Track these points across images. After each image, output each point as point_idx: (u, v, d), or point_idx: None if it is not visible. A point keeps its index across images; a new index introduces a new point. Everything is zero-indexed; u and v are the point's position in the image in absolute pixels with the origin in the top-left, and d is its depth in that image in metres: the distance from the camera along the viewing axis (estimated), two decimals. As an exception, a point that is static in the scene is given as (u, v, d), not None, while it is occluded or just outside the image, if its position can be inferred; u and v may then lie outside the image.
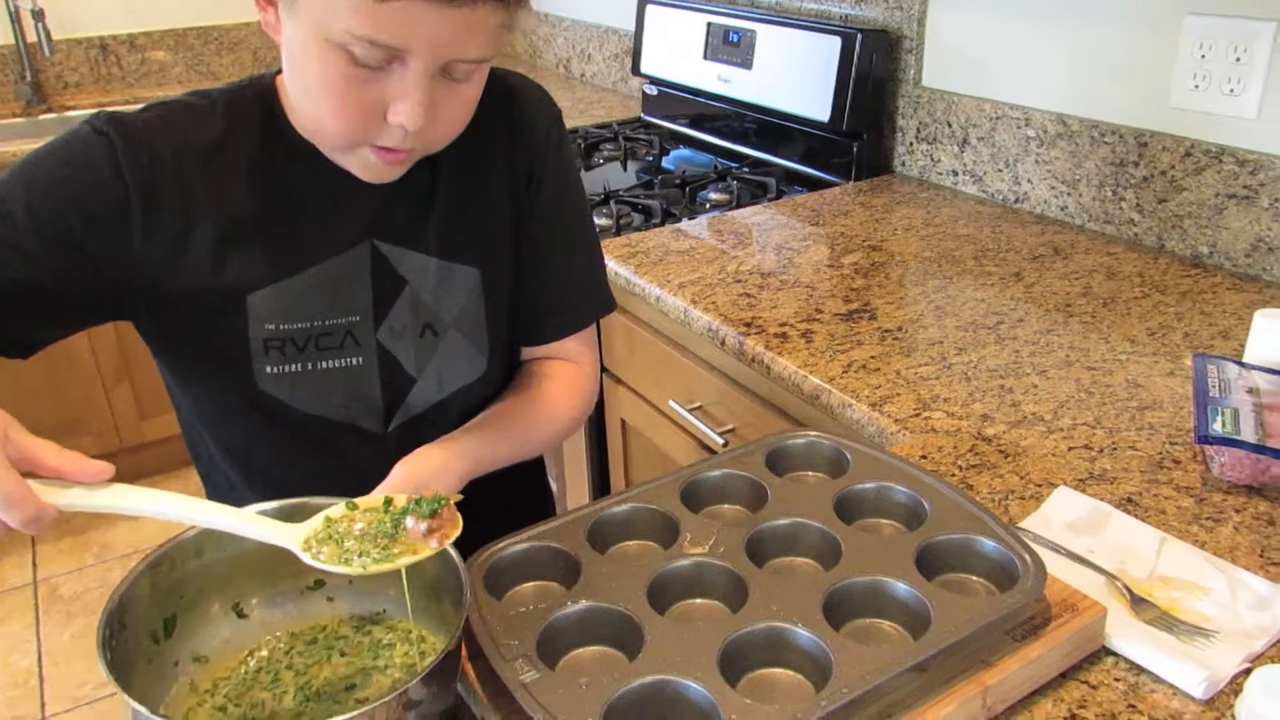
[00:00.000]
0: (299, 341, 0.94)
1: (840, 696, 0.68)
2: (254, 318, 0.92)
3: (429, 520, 0.73)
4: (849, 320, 1.39)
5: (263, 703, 0.77)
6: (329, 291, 0.94)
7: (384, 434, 1.00)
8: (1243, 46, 1.44)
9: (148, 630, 0.76)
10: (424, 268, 0.98)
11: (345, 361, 0.96)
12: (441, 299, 0.99)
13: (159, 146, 0.89)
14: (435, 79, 0.82)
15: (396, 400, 1.00)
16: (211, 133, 0.91)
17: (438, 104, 0.84)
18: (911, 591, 0.77)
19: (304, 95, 0.86)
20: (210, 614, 0.82)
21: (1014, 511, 0.98)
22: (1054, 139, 1.73)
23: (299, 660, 0.80)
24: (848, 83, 1.95)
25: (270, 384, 0.95)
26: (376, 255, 0.96)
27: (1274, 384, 1.06)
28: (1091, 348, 1.30)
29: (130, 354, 2.82)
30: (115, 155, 0.87)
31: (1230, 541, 0.93)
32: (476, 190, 1.00)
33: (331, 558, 0.71)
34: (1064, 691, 0.77)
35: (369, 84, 0.81)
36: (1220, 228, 1.52)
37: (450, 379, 1.01)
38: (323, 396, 0.97)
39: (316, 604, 0.85)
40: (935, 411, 1.16)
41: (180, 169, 0.89)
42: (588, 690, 0.69)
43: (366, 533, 0.73)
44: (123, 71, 3.28)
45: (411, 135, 0.84)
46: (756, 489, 0.92)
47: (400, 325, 0.98)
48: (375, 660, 0.80)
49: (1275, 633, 0.81)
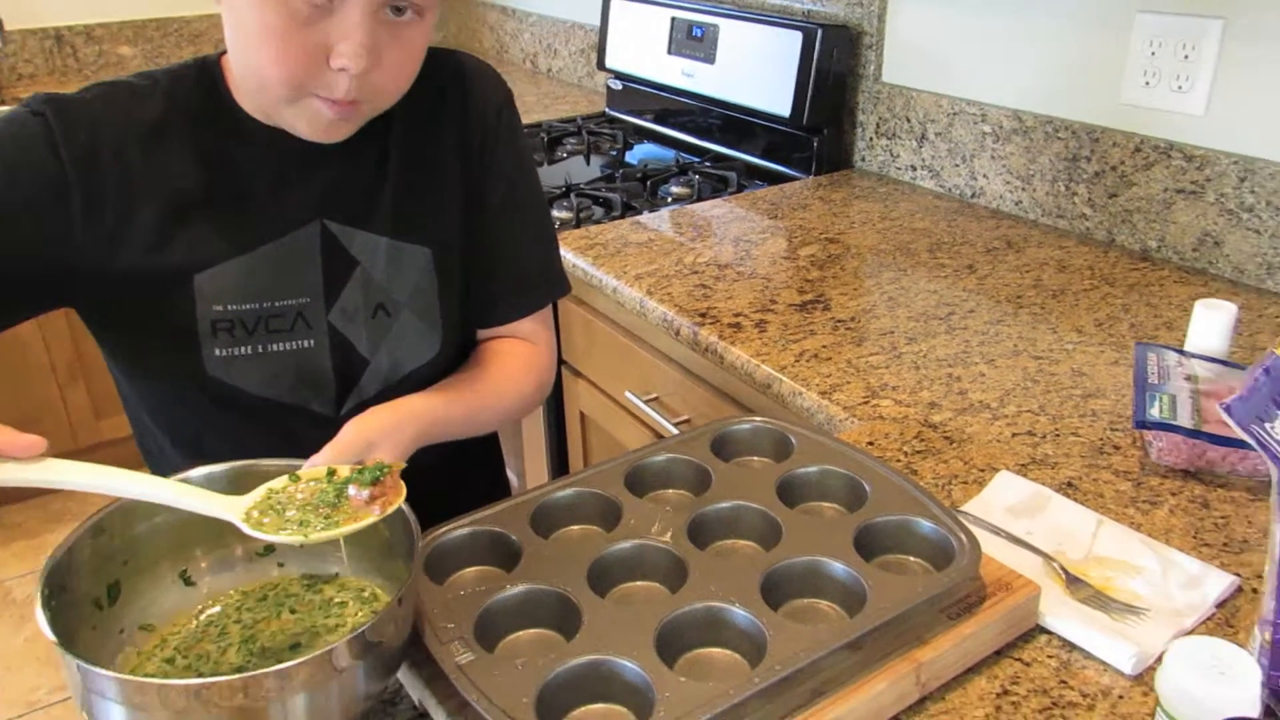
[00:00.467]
0: (248, 323, 0.93)
1: (773, 673, 0.68)
2: (201, 298, 0.92)
3: (371, 488, 0.73)
4: (803, 311, 1.40)
5: (208, 654, 0.76)
6: (278, 272, 0.94)
7: (336, 417, 0.99)
8: (1191, 44, 1.46)
9: (90, 597, 0.75)
10: (375, 247, 0.97)
11: (296, 344, 0.95)
12: (393, 279, 0.98)
13: (98, 126, 0.88)
14: (378, 20, 0.82)
15: (349, 383, 0.99)
16: (153, 112, 0.90)
17: (381, 49, 0.83)
18: (849, 571, 0.78)
19: (245, 49, 0.84)
20: (157, 581, 0.81)
21: (956, 495, 0.99)
22: (1009, 134, 1.75)
23: (247, 615, 0.80)
24: (808, 78, 1.96)
25: (219, 367, 0.94)
26: (326, 235, 0.95)
27: (1212, 371, 1.08)
28: (1039, 338, 1.31)
29: (86, 352, 2.78)
30: (52, 136, 0.86)
31: (1165, 524, 0.94)
32: (427, 169, 1.00)
33: (273, 528, 0.71)
34: (998, 669, 0.78)
35: (310, 26, 0.80)
36: (1168, 222, 1.54)
37: (404, 360, 1.01)
38: (274, 380, 0.96)
39: (266, 569, 0.85)
40: (884, 399, 1.17)
41: (121, 149, 0.89)
42: (524, 671, 0.70)
43: (309, 502, 0.73)
44: (79, 63, 3.24)
45: (357, 83, 0.83)
46: (701, 473, 0.92)
47: (352, 306, 0.97)
48: (325, 618, 0.79)
49: (1204, 611, 0.83)
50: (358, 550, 0.82)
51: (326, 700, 0.65)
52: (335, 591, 0.82)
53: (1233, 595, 0.85)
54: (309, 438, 0.90)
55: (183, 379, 0.95)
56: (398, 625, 0.70)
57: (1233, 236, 1.46)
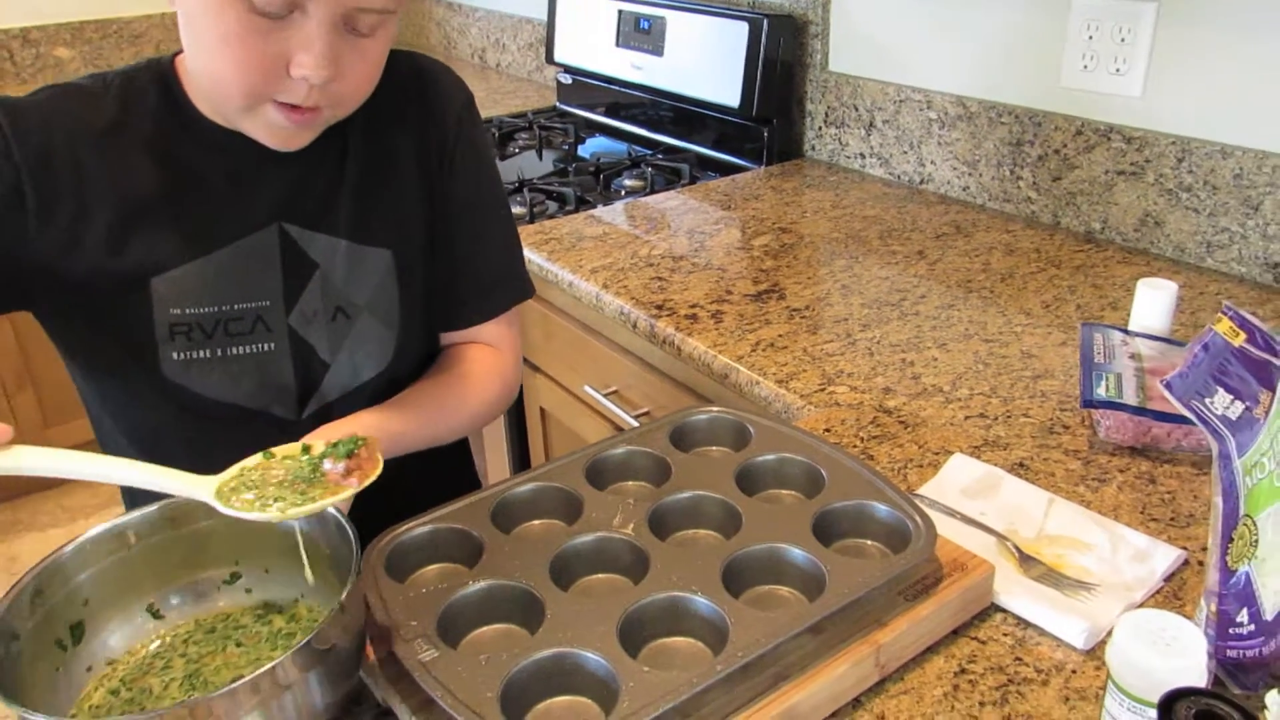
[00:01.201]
0: (206, 327, 0.92)
1: (735, 660, 0.69)
2: (158, 302, 0.91)
3: (347, 460, 0.72)
4: (758, 301, 1.41)
5: (150, 688, 0.76)
6: (236, 275, 0.93)
7: (298, 420, 0.99)
8: (1127, 27, 1.49)
9: (51, 639, 0.75)
10: (334, 250, 0.97)
11: (256, 348, 0.95)
12: (352, 282, 0.98)
13: (51, 129, 0.87)
14: (339, 32, 0.81)
15: (310, 386, 0.99)
16: (107, 114, 0.89)
17: (342, 59, 0.82)
18: (808, 557, 0.79)
19: (202, 54, 0.83)
20: (126, 615, 0.80)
21: (912, 479, 1.01)
22: (954, 121, 1.77)
23: (194, 649, 0.79)
24: (756, 69, 1.97)
25: (178, 371, 0.93)
26: (285, 238, 0.94)
27: (1155, 349, 1.10)
28: (989, 321, 1.33)
29: (34, 359, 2.73)
30: (4, 139, 0.84)
31: (1114, 500, 0.97)
32: (387, 171, 0.99)
33: (248, 505, 0.70)
34: (955, 648, 0.80)
35: (269, 35, 0.79)
36: (1110, 204, 1.57)
37: (364, 364, 1.00)
38: (234, 384, 0.95)
39: (235, 597, 0.84)
40: (839, 386, 1.18)
41: (74, 151, 0.87)
42: (487, 666, 0.70)
43: (284, 479, 0.72)
44: (16, 67, 3.18)
45: (317, 91, 0.82)
46: (660, 465, 0.93)
47: (311, 310, 0.96)
48: (272, 650, 0.79)
49: (1153, 584, 0.85)
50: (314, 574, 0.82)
51: (283, 716, 0.65)
52: (285, 622, 0.82)
53: (1180, 568, 0.87)
54: (271, 441, 0.89)
55: (141, 382, 0.94)
56: (345, 631, 0.70)
57: (1173, 216, 1.49)
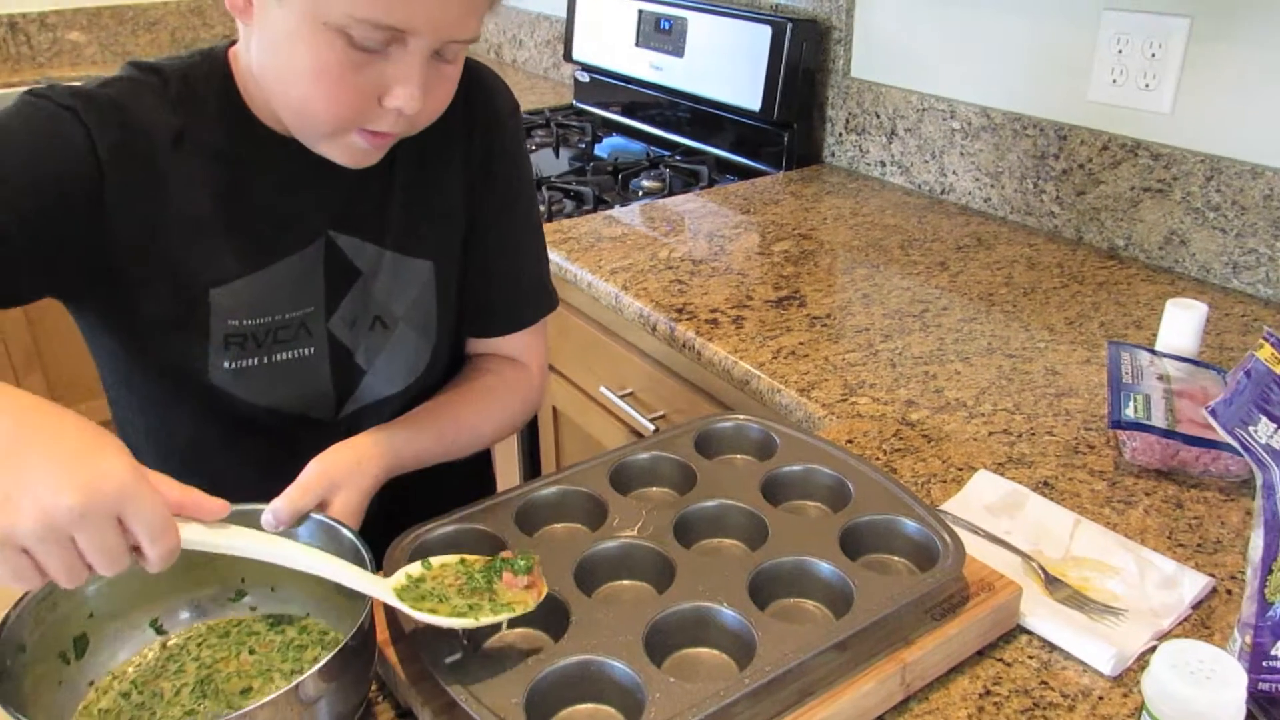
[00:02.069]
0: (259, 337, 0.92)
1: (762, 675, 0.68)
2: (216, 313, 0.89)
3: (527, 575, 0.74)
4: (779, 307, 1.40)
5: (161, 692, 0.75)
6: (289, 286, 0.92)
7: (334, 421, 0.98)
8: (1158, 42, 1.48)
9: (55, 652, 0.74)
10: (379, 260, 0.96)
11: (298, 352, 0.94)
12: (394, 292, 0.97)
13: (128, 128, 0.84)
14: (429, 61, 0.81)
15: (346, 391, 0.98)
16: (174, 117, 0.87)
17: (429, 85, 0.82)
18: (835, 571, 0.79)
19: (290, 81, 0.81)
20: (129, 630, 0.79)
21: (935, 494, 1.00)
22: (978, 131, 1.77)
23: (207, 653, 0.78)
24: (778, 72, 1.96)
25: (227, 379, 0.92)
26: (332, 246, 0.94)
27: (1184, 371, 1.10)
28: (1012, 336, 1.33)
29: (43, 341, 2.73)
30: (89, 135, 0.82)
31: (1140, 524, 0.96)
32: (433, 183, 0.99)
33: (445, 611, 0.71)
34: (980, 669, 0.79)
35: (365, 68, 0.79)
36: (1135, 220, 1.56)
37: (398, 373, 1.00)
38: (275, 388, 0.94)
39: (240, 615, 0.83)
40: (861, 397, 1.18)
41: (150, 153, 0.85)
42: (512, 671, 0.69)
43: (463, 587, 0.74)
44: (33, 51, 3.17)
45: (403, 119, 0.82)
46: (685, 472, 0.92)
47: (351, 316, 0.96)
48: (284, 662, 0.78)
49: (1181, 611, 0.84)
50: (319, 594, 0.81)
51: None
52: (297, 634, 0.81)
53: (1208, 596, 0.86)
54: (306, 444, 0.89)
55: (188, 390, 0.93)
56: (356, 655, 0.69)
57: (1199, 235, 1.48)
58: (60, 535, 0.57)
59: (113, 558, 0.60)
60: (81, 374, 2.90)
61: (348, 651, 0.67)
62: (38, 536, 0.57)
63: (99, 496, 0.58)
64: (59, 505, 0.56)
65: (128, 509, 0.59)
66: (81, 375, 2.89)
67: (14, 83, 2.95)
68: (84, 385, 2.92)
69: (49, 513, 0.56)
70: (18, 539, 0.57)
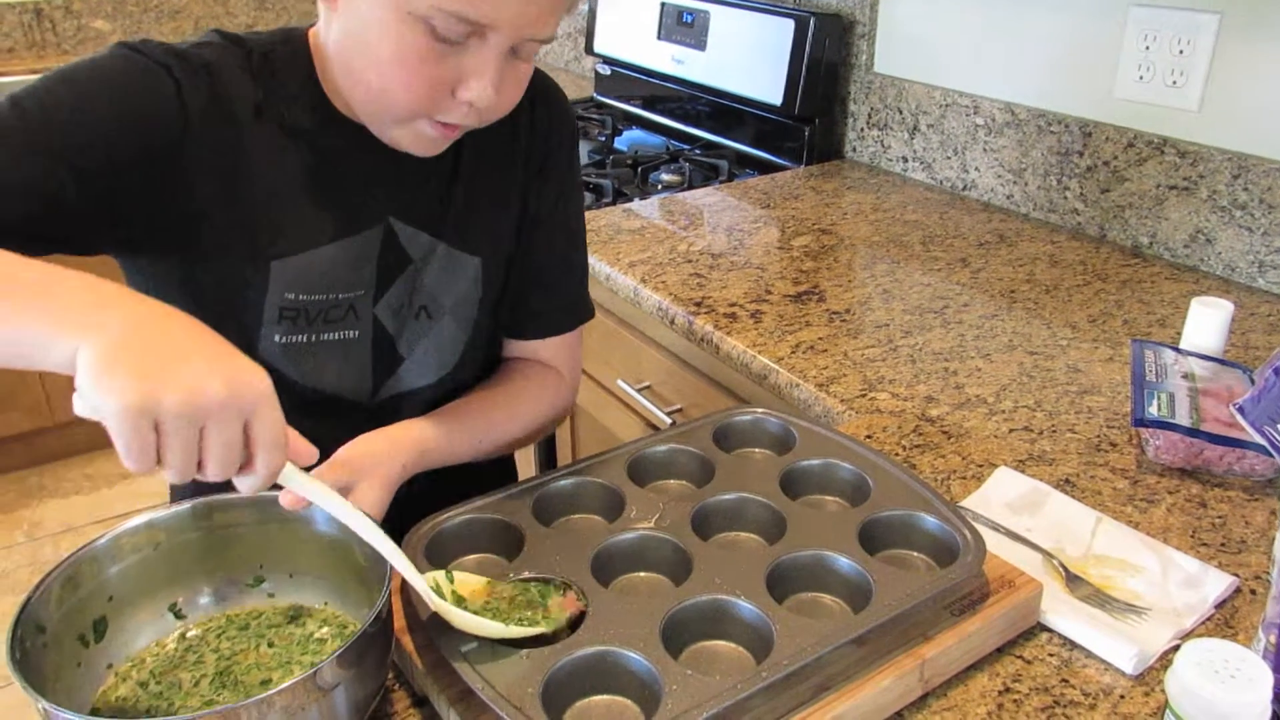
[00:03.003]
0: (311, 313, 0.93)
1: (780, 668, 0.68)
2: (274, 284, 0.90)
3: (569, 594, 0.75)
4: (798, 302, 1.40)
5: (180, 682, 0.75)
6: (346, 267, 0.93)
7: (367, 407, 0.99)
8: (1186, 39, 1.46)
9: (75, 634, 0.74)
10: (432, 251, 0.97)
11: (344, 334, 0.95)
12: (442, 284, 0.99)
13: (216, 90, 0.86)
14: (505, 57, 0.82)
15: (384, 377, 0.99)
16: (255, 90, 0.88)
17: (502, 82, 0.84)
18: (853, 566, 0.78)
19: (370, 67, 0.83)
20: (148, 614, 0.79)
21: (955, 491, 0.99)
22: (1002, 128, 1.75)
23: (226, 645, 0.79)
24: (800, 67, 1.95)
25: (275, 353, 0.93)
26: (389, 232, 0.95)
27: (1209, 369, 1.08)
28: (1034, 333, 1.31)
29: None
30: (179, 92, 0.84)
31: (1163, 522, 0.95)
32: (493, 182, 1.00)
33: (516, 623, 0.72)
34: (999, 666, 0.78)
35: (444, 59, 0.80)
36: (1160, 218, 1.55)
37: (434, 364, 1.01)
38: (320, 368, 0.95)
39: (258, 601, 0.83)
40: (881, 392, 1.17)
41: (233, 118, 0.87)
42: (529, 661, 0.69)
43: (517, 600, 0.75)
44: (58, 38, 3.19)
45: (474, 112, 0.84)
46: (703, 464, 0.92)
47: (397, 303, 0.97)
48: (303, 654, 0.78)
49: (1204, 611, 0.83)
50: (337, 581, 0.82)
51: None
52: (317, 626, 0.81)
53: (1231, 596, 0.85)
54: (337, 428, 0.89)
55: None
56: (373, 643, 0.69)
57: (1225, 234, 1.47)
58: (196, 419, 0.59)
59: (229, 457, 0.61)
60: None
61: (365, 638, 0.67)
62: (176, 413, 0.58)
63: (243, 393, 0.60)
64: (206, 390, 0.59)
65: (261, 415, 0.62)
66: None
67: (39, 69, 2.97)
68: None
69: (195, 394, 0.58)
70: (158, 411, 0.58)
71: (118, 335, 0.60)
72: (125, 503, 2.80)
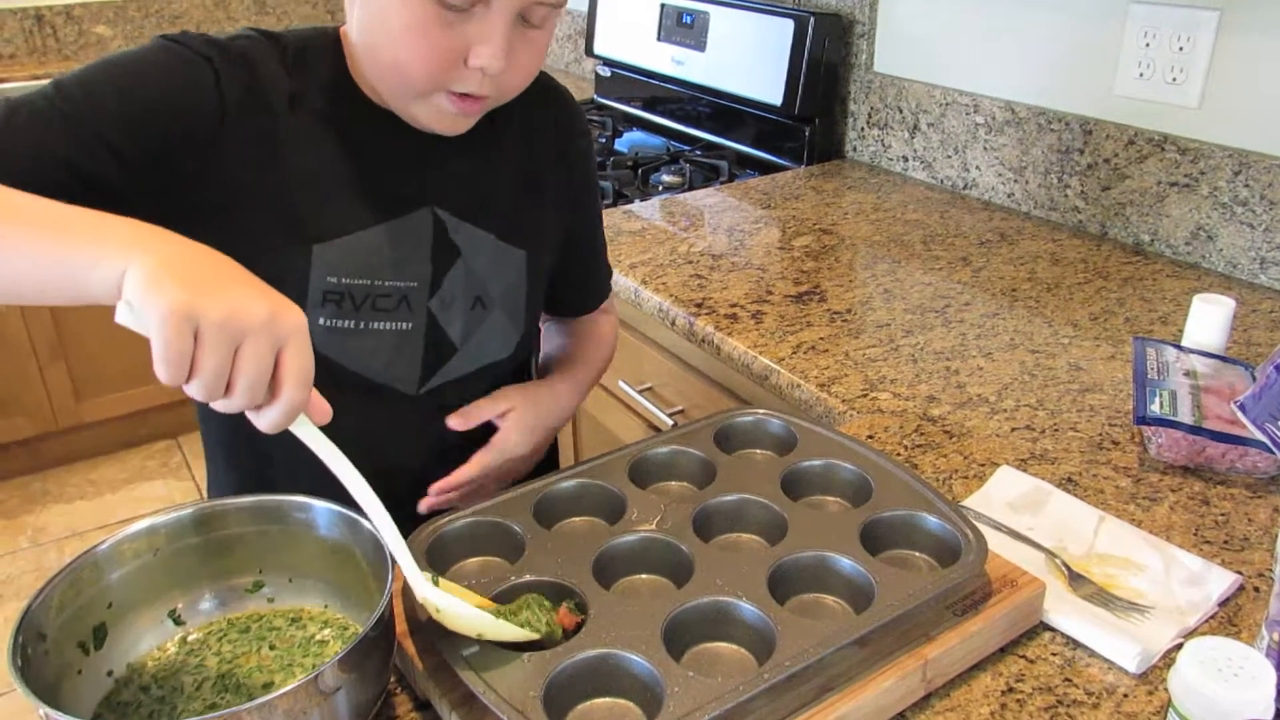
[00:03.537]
0: (357, 298, 0.95)
1: (782, 670, 0.68)
2: (317, 266, 0.92)
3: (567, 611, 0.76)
4: (799, 302, 1.40)
5: (182, 686, 0.75)
6: (391, 253, 0.95)
7: (415, 395, 1.01)
8: (1186, 36, 1.46)
9: (75, 641, 0.74)
10: (481, 242, 1.00)
11: (396, 325, 0.97)
12: (492, 276, 1.02)
13: (252, 80, 0.89)
14: (514, 24, 0.85)
15: (433, 367, 1.02)
16: (290, 81, 0.91)
17: (515, 50, 0.86)
18: (855, 567, 0.78)
19: (384, 43, 0.86)
20: (148, 621, 0.79)
21: (957, 490, 0.99)
22: (1002, 126, 1.75)
23: (227, 648, 0.79)
24: (800, 67, 1.95)
25: (321, 337, 0.94)
26: (438, 224, 0.97)
27: (1211, 367, 1.08)
28: (1035, 331, 1.31)
29: (66, 332, 2.75)
30: (218, 81, 0.87)
31: (1166, 520, 0.94)
32: (532, 177, 1.05)
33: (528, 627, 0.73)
34: (1002, 665, 0.78)
35: (452, 27, 0.83)
36: (1161, 215, 1.54)
37: (485, 353, 1.04)
38: (369, 356, 0.97)
39: (258, 606, 0.83)
40: (882, 392, 1.17)
41: (269, 107, 0.90)
42: (530, 664, 0.69)
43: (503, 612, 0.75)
44: (59, 44, 3.19)
45: (489, 81, 0.86)
46: (704, 466, 0.92)
47: (451, 296, 1.00)
48: (305, 656, 0.78)
49: (1207, 609, 0.83)
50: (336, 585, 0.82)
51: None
52: (318, 629, 0.81)
53: (1235, 594, 0.85)
54: (387, 415, 0.98)
55: None
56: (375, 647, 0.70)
57: (1226, 230, 1.46)
58: (234, 334, 0.61)
59: (259, 379, 0.63)
60: (106, 367, 2.93)
61: (367, 642, 0.67)
62: (217, 325, 0.60)
63: (282, 321, 0.63)
64: (249, 308, 0.62)
65: (294, 346, 0.64)
66: (106, 369, 2.92)
67: (40, 75, 2.97)
68: (108, 379, 2.96)
69: (237, 310, 0.61)
70: (200, 319, 0.60)
71: (167, 257, 0.64)
72: (129, 508, 2.81)
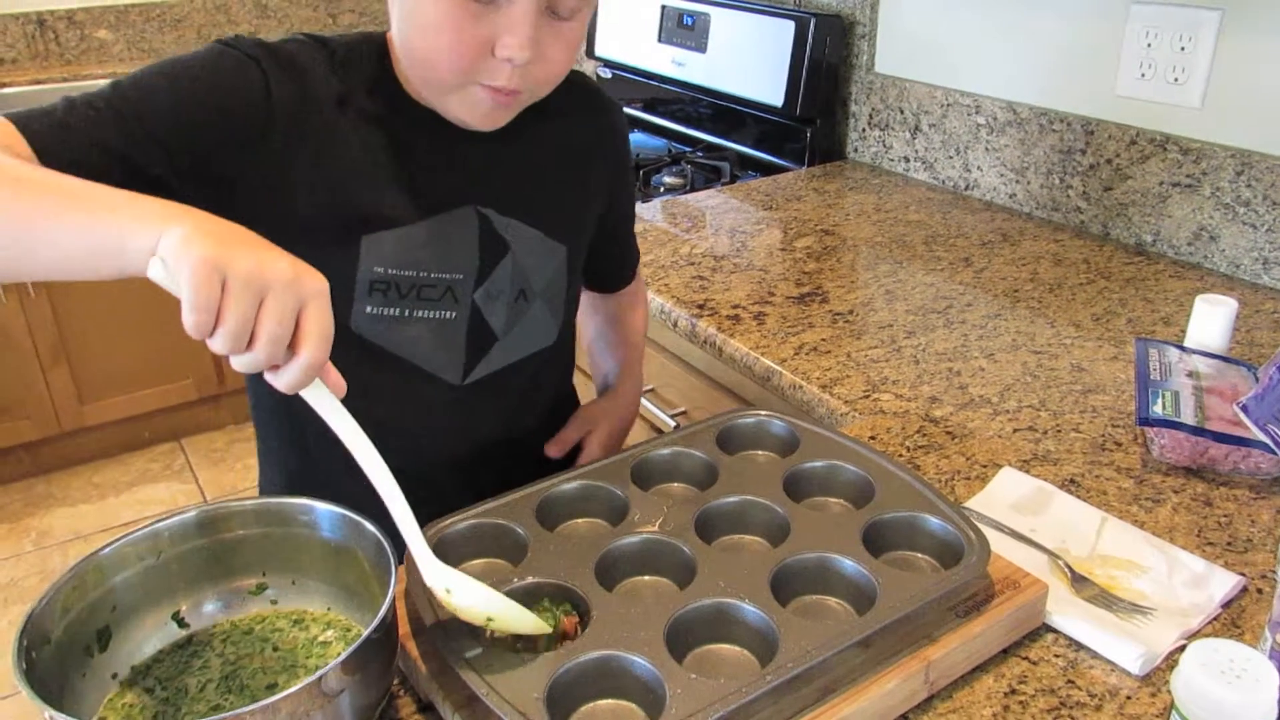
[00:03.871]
0: (403, 288, 0.97)
1: (784, 671, 0.68)
2: (365, 257, 0.95)
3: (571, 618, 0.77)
4: (801, 303, 1.40)
5: (186, 687, 0.75)
6: (438, 246, 0.97)
7: (459, 385, 1.03)
8: (1188, 35, 1.46)
9: (80, 644, 0.74)
10: (527, 237, 1.03)
11: (440, 314, 1.00)
12: (535, 270, 1.04)
13: (302, 83, 0.91)
14: (542, 15, 0.86)
15: (476, 357, 1.03)
16: (338, 83, 0.94)
17: (543, 41, 0.87)
18: (857, 568, 0.78)
19: (416, 36, 0.88)
20: (151, 624, 0.80)
21: (960, 491, 0.99)
22: (1003, 126, 1.75)
23: (231, 650, 0.79)
24: (801, 68, 1.95)
25: (367, 324, 0.97)
26: (484, 219, 1.00)
27: (1213, 368, 1.08)
28: (1038, 332, 1.31)
29: (69, 335, 2.75)
30: (267, 83, 0.89)
31: (1169, 522, 0.94)
32: (579, 178, 1.08)
33: None
34: (1005, 667, 0.78)
35: (480, 19, 0.84)
36: (1163, 216, 1.54)
37: (526, 344, 1.06)
38: (412, 344, 1.00)
39: (261, 609, 0.83)
40: (884, 393, 1.17)
41: (318, 106, 0.92)
42: (533, 666, 0.69)
43: None
44: (61, 48, 3.19)
45: (519, 74, 0.87)
46: (707, 468, 0.92)
47: (497, 289, 1.02)
48: (308, 658, 0.78)
49: (1210, 610, 0.83)
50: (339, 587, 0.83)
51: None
52: (321, 630, 0.81)
53: (1238, 595, 0.85)
54: (430, 404, 1.02)
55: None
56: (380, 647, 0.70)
57: (1229, 231, 1.46)
58: (260, 288, 0.63)
59: (280, 334, 0.64)
60: (109, 369, 2.93)
61: (370, 644, 0.67)
62: (245, 277, 0.62)
63: (306, 281, 0.65)
64: (275, 265, 0.64)
65: (316, 305, 0.66)
66: (109, 371, 2.92)
67: (42, 79, 2.97)
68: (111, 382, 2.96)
69: (264, 265, 0.64)
70: (228, 269, 0.62)
71: (201, 222, 0.66)
72: (132, 511, 2.81)
